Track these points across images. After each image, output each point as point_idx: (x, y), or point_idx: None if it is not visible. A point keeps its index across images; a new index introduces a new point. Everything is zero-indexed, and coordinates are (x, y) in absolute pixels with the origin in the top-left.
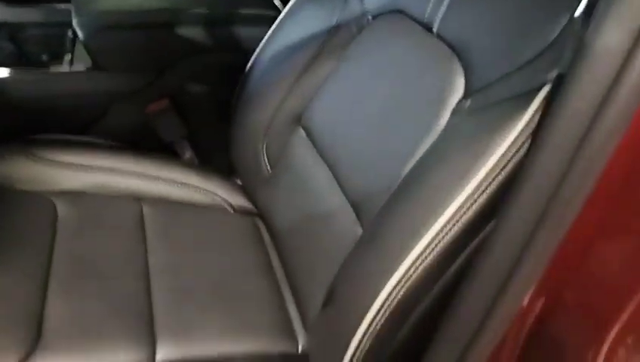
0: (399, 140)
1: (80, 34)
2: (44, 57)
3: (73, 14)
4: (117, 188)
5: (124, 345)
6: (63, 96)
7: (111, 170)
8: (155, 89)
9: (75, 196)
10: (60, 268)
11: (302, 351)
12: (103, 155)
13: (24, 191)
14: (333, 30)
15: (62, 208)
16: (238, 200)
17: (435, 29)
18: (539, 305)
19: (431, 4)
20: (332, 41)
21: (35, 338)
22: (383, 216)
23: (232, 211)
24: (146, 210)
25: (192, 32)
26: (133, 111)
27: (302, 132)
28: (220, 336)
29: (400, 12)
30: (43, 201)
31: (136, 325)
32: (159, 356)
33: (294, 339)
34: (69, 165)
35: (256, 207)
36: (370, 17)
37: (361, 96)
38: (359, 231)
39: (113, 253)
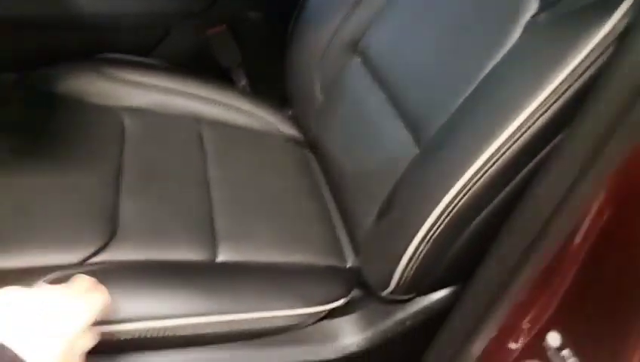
0: (465, 59)
1: None
2: None
3: None
4: (177, 107)
5: (189, 245)
6: (127, 16)
7: (172, 91)
8: (214, 13)
9: (139, 112)
10: (129, 172)
11: (350, 267)
12: (165, 76)
13: (95, 104)
14: None
15: (128, 122)
16: (291, 130)
17: None
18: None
19: None
20: None
21: (111, 230)
22: (445, 130)
23: (283, 139)
24: (204, 129)
25: None
26: (192, 35)
27: (358, 58)
28: (273, 246)
29: None
30: (112, 114)
31: (199, 227)
32: (220, 257)
33: (342, 256)
34: (135, 83)
35: (306, 138)
36: None
37: (423, 18)
38: (416, 151)
39: (176, 164)
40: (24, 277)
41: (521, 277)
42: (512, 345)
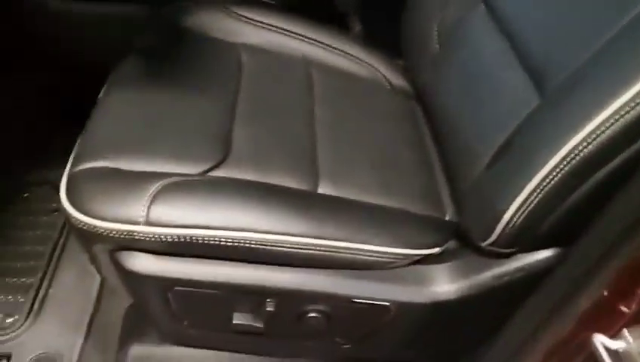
0: (597, 14)
1: None
2: None
3: None
4: (291, 48)
5: (293, 173)
6: None
7: (289, 32)
8: None
9: (256, 49)
10: (243, 102)
11: (448, 219)
12: (284, 18)
13: (218, 39)
14: None
15: (245, 57)
16: (399, 81)
17: None
18: None
19: None
20: None
21: (225, 150)
22: (570, 82)
23: (390, 89)
24: (314, 71)
25: None
26: None
27: (481, 6)
28: (373, 188)
29: None
30: (232, 49)
31: (303, 159)
32: (320, 190)
33: (442, 208)
34: (255, 22)
35: (416, 89)
36: None
37: None
38: (537, 102)
39: (286, 100)
40: (150, 178)
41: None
42: (624, 309)
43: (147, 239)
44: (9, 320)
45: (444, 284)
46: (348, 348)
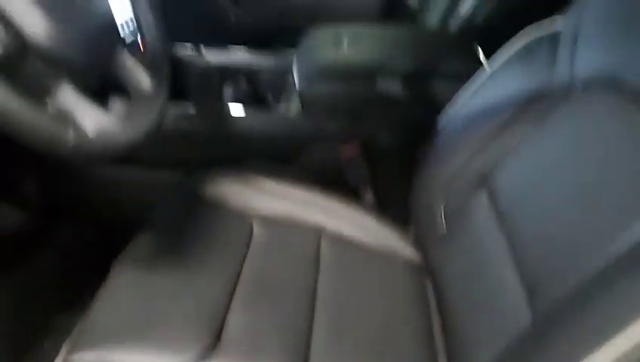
0: (600, 223)
1: (296, 83)
2: (270, 96)
3: (294, 63)
4: (304, 218)
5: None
6: (275, 133)
7: (302, 202)
8: (349, 135)
9: (269, 220)
10: (244, 282)
11: None
12: (298, 188)
13: (234, 210)
14: (535, 95)
15: (257, 229)
16: (410, 254)
17: None
18: None
19: None
20: (532, 107)
21: (216, 338)
22: (566, 303)
23: (402, 262)
24: (323, 243)
25: (392, 85)
26: (326, 153)
27: (484, 196)
28: None
29: (617, 84)
30: (245, 221)
31: (297, 346)
32: None
33: None
34: (271, 193)
35: (426, 262)
36: (579, 85)
37: (558, 170)
38: (528, 317)
39: (289, 277)
40: None
41: None
42: None
43: None
44: None
45: None
46: None
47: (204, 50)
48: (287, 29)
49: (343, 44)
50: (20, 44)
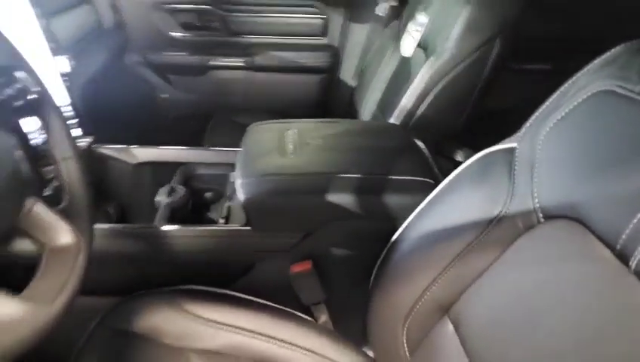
0: (563, 348)
1: (240, 194)
2: (209, 195)
3: (236, 169)
4: (251, 350)
5: None
6: (217, 249)
7: (250, 332)
8: (299, 251)
9: (209, 354)
10: None
11: None
12: (244, 315)
13: (167, 344)
14: (496, 221)
15: None
16: None
17: (633, 265)
18: None
19: (629, 230)
20: (493, 233)
21: None
22: None
23: None
24: None
25: (344, 198)
26: (276, 271)
27: (448, 323)
28: None
29: (582, 221)
30: (180, 356)
31: None
32: None
33: None
34: (213, 323)
35: None
36: (541, 217)
37: (523, 303)
38: None
39: None
40: None
41: None
42: None
43: None
44: None
45: None
46: None
47: (134, 149)
48: (223, 120)
49: (288, 149)
50: None
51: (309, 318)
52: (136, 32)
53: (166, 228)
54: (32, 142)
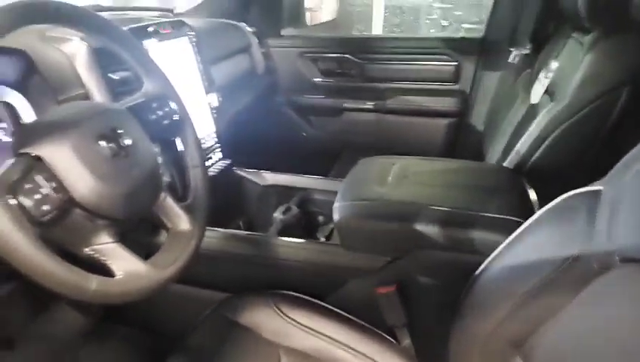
0: None
1: (335, 216)
2: (320, 218)
3: (337, 197)
4: (334, 358)
5: None
6: (312, 263)
7: (335, 341)
8: (386, 273)
9: (296, 354)
10: None
11: None
12: (332, 325)
13: (264, 338)
14: (572, 261)
15: (285, 361)
16: None
17: None
18: None
19: None
20: (569, 272)
21: None
22: None
23: None
24: None
25: (432, 229)
26: (364, 290)
27: (518, 360)
28: None
29: None
30: (274, 352)
31: None
32: None
33: None
34: (304, 327)
35: None
36: (618, 260)
37: (596, 344)
38: None
39: None
40: None
41: None
42: None
43: None
44: None
45: None
46: None
47: (265, 173)
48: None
49: (387, 180)
50: (69, 201)
51: (391, 339)
52: (283, 77)
53: (275, 239)
54: (171, 152)
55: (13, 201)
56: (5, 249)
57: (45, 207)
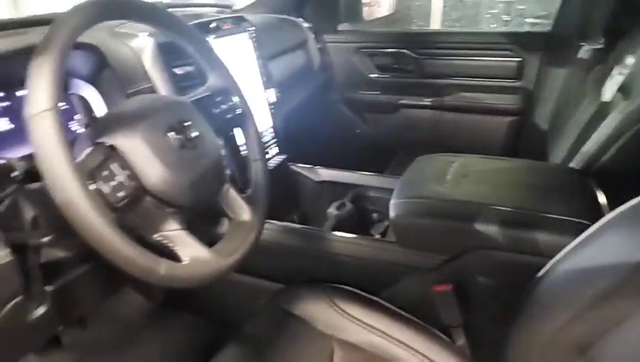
0: None
1: (391, 213)
2: (374, 216)
3: (393, 194)
4: (387, 352)
5: None
6: (366, 258)
7: (388, 336)
8: (442, 272)
9: (352, 347)
10: None
11: None
12: (386, 321)
13: (318, 329)
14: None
15: (338, 353)
16: None
17: None
18: None
19: None
20: (634, 279)
21: None
22: None
23: None
24: None
25: (491, 229)
26: (419, 287)
27: None
28: None
29: None
30: (328, 343)
31: None
32: None
33: None
34: (358, 321)
35: None
36: None
37: None
38: None
39: None
40: None
41: None
42: None
43: None
44: None
45: None
46: None
47: (319, 169)
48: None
49: (446, 178)
50: (141, 189)
51: (446, 338)
52: (338, 72)
53: (330, 233)
54: (234, 145)
55: (92, 186)
56: (86, 230)
57: (120, 194)
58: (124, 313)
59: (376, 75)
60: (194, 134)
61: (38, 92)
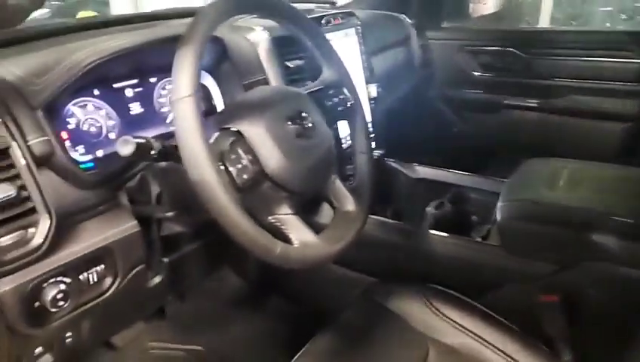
0: None
1: (498, 216)
2: (474, 221)
3: (500, 197)
4: (485, 357)
5: None
6: (467, 261)
7: (485, 342)
8: (550, 282)
9: (447, 348)
10: None
11: None
12: (485, 327)
13: (413, 327)
14: None
15: (432, 354)
16: None
17: None
18: None
19: None
20: None
21: None
22: None
23: None
24: None
25: (609, 240)
26: (523, 295)
27: None
28: None
29: None
30: (422, 343)
31: None
32: None
33: None
34: (455, 324)
35: None
36: None
37: None
38: None
39: None
40: None
41: None
42: None
43: None
44: None
45: None
46: None
47: (417, 166)
48: (505, 157)
49: (559, 183)
50: (261, 173)
51: (547, 350)
52: (440, 70)
53: (428, 232)
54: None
55: (222, 167)
56: (215, 207)
57: (245, 176)
58: (221, 291)
59: (479, 74)
60: (310, 124)
61: (182, 79)
